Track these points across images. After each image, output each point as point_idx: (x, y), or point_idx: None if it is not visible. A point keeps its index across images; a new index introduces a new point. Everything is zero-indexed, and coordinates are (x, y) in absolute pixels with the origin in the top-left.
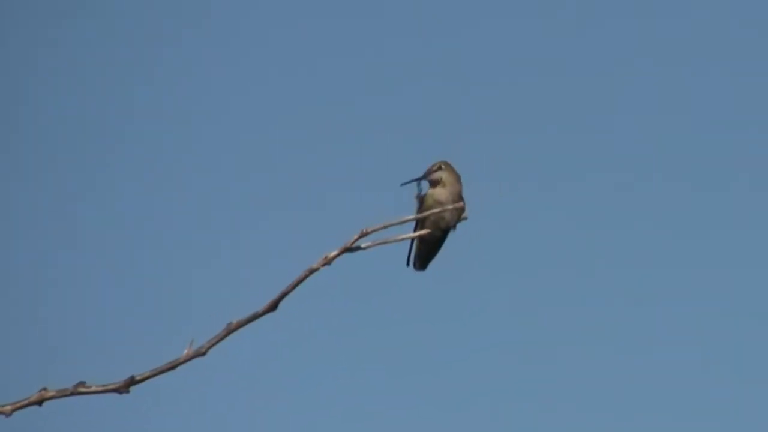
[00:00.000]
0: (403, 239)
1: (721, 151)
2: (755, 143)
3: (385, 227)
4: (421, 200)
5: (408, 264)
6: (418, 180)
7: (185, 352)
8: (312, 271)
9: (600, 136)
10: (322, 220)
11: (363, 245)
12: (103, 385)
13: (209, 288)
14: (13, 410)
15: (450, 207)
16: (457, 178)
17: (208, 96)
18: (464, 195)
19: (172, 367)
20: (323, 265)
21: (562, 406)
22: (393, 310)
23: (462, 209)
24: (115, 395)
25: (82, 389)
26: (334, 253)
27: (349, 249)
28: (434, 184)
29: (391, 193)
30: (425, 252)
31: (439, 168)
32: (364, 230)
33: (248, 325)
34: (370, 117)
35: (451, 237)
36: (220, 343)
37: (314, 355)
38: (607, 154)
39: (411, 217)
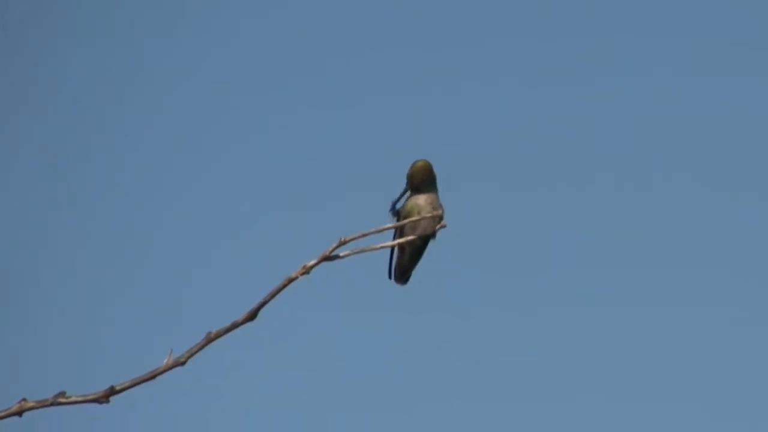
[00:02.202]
0: (382, 248)
1: (720, 151)
2: (751, 142)
3: (364, 236)
4: (398, 212)
5: (390, 276)
6: (404, 193)
7: (165, 362)
8: (291, 280)
9: (599, 137)
10: (300, 227)
11: (341, 254)
12: (83, 396)
13: (188, 298)
14: None
15: (428, 215)
16: (434, 181)
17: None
18: (442, 201)
19: (151, 377)
20: (302, 274)
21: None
22: (372, 318)
23: (440, 217)
24: (95, 405)
25: (62, 400)
26: (312, 262)
27: (328, 258)
28: (416, 192)
29: (373, 199)
30: (406, 262)
31: (424, 179)
32: (343, 239)
33: (227, 335)
34: (357, 121)
35: (431, 246)
36: (200, 353)
37: (293, 363)
38: (607, 155)
39: (389, 225)
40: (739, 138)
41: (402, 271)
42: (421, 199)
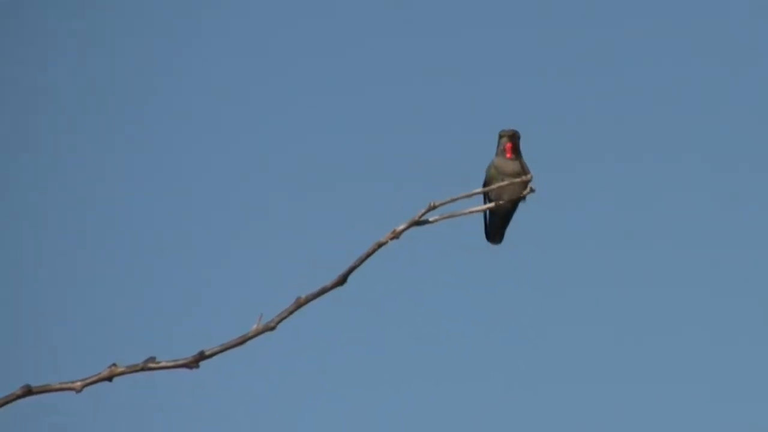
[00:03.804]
0: (471, 212)
1: (725, 142)
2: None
3: (453, 200)
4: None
5: (487, 238)
6: (508, 131)
7: (254, 327)
8: (380, 245)
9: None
10: (390, 195)
11: (431, 219)
12: (173, 361)
13: (278, 262)
14: (84, 386)
15: (518, 180)
16: (519, 151)
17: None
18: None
19: (241, 342)
20: (391, 238)
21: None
22: (460, 284)
23: (527, 182)
24: (185, 370)
25: (152, 365)
26: (402, 226)
27: (417, 222)
28: (505, 153)
29: (462, 165)
30: (497, 224)
31: (519, 139)
32: (432, 204)
33: (317, 300)
34: (454, 93)
35: (524, 210)
36: (289, 318)
37: (382, 327)
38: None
39: (478, 190)
40: (743, 128)
41: (494, 232)
42: (507, 164)
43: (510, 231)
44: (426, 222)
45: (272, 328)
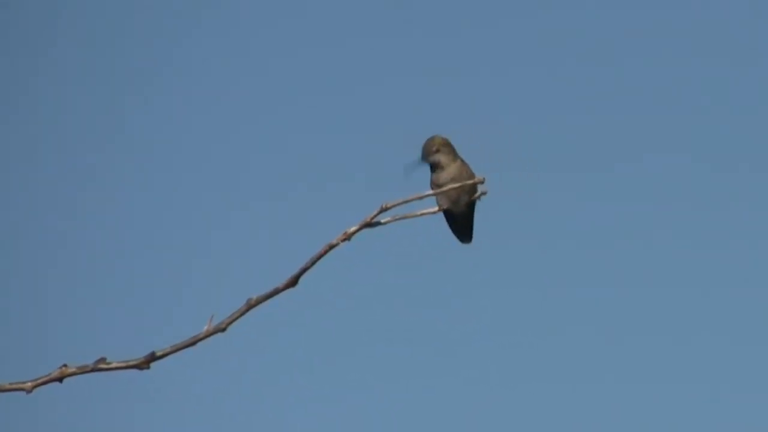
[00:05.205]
0: (423, 214)
1: (725, 142)
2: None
3: (405, 202)
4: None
5: (455, 236)
6: (419, 162)
7: (205, 328)
8: (332, 247)
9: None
10: (342, 197)
11: (383, 220)
12: (124, 362)
13: (229, 264)
14: (34, 387)
15: (469, 182)
16: (455, 156)
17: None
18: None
19: (192, 343)
20: (343, 240)
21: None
22: (415, 285)
23: (475, 185)
24: (136, 371)
25: (103, 365)
26: (353, 228)
27: (369, 224)
28: (434, 167)
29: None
30: (460, 224)
31: (437, 151)
32: (384, 205)
33: (268, 301)
34: (395, 96)
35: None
36: (240, 319)
37: (335, 330)
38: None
39: (431, 192)
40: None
41: (460, 232)
42: (442, 175)
43: (506, 230)
44: (378, 224)
45: (223, 330)
